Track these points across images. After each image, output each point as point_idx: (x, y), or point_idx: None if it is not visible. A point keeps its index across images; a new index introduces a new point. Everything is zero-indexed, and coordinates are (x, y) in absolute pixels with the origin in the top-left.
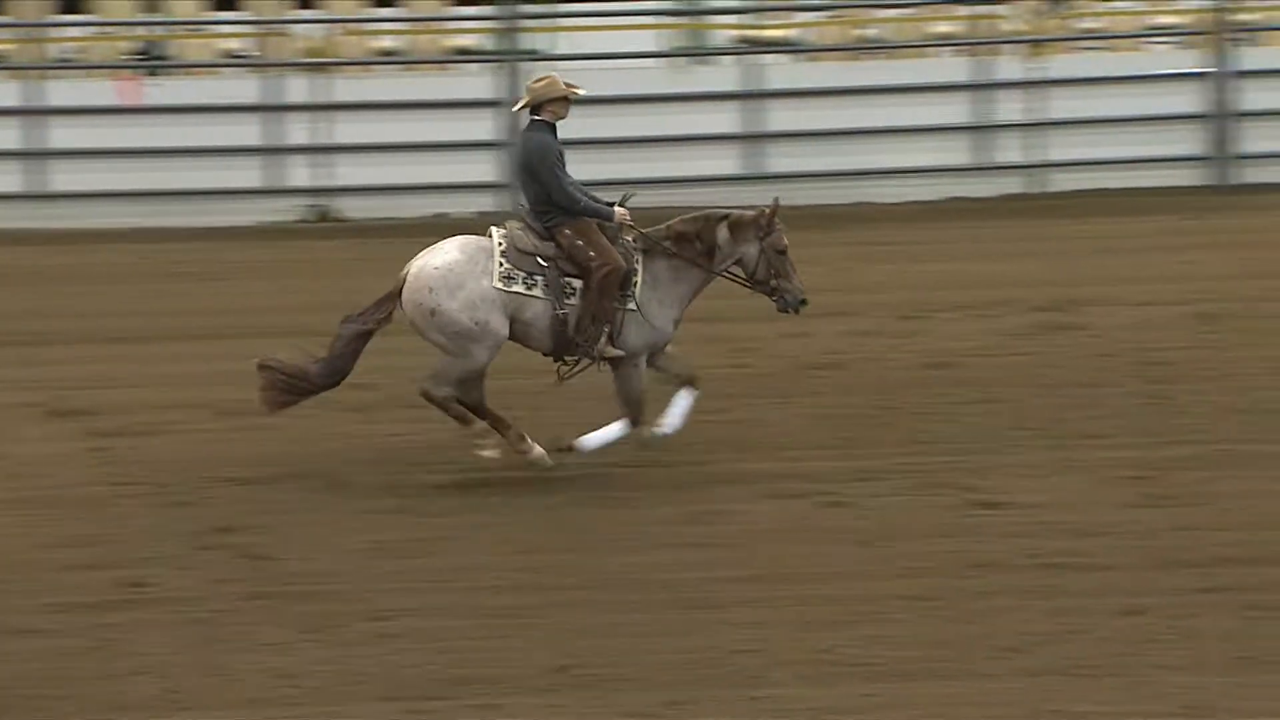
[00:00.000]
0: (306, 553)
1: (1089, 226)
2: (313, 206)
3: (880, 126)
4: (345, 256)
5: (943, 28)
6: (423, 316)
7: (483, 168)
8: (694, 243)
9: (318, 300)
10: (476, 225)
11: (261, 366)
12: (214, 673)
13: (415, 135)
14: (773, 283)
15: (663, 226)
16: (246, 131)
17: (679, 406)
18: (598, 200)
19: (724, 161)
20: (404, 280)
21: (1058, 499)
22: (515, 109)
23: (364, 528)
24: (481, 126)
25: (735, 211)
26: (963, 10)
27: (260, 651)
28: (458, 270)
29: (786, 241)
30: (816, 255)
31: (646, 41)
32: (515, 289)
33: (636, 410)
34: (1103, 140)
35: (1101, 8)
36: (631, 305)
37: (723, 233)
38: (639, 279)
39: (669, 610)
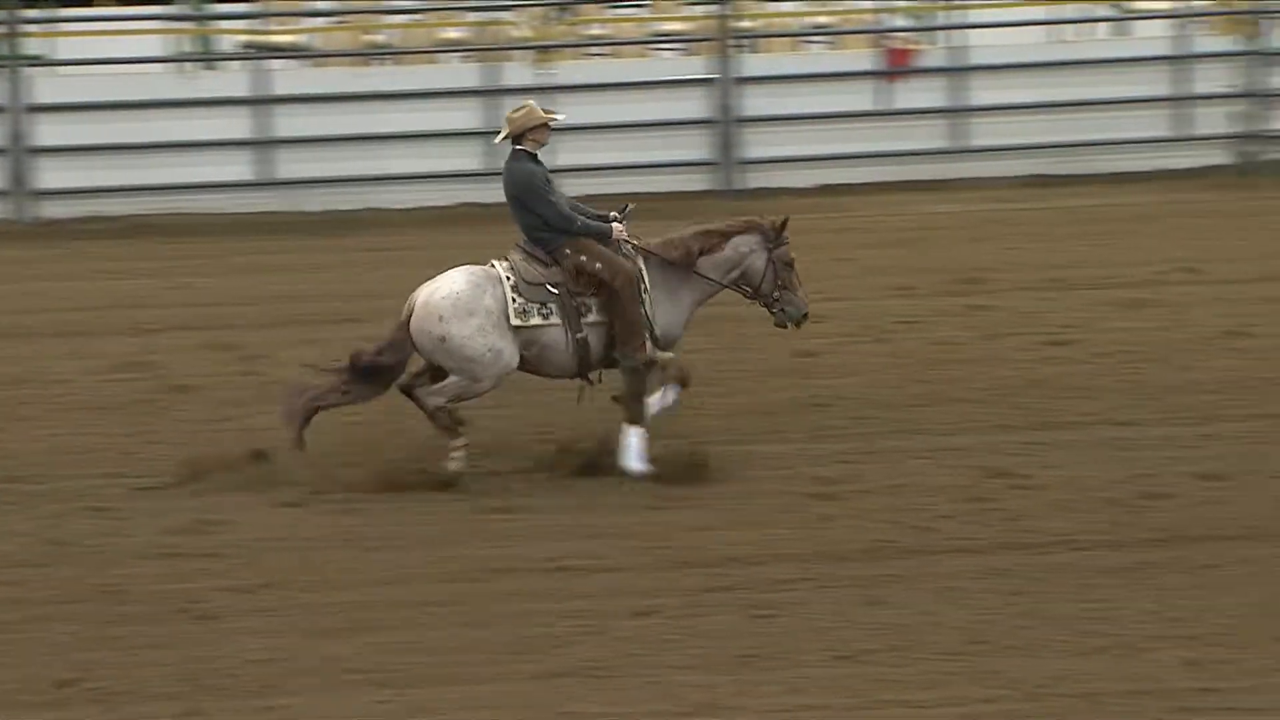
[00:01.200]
0: None
1: None
2: None
3: (390, 132)
4: None
5: (451, 33)
6: (432, 343)
7: None
8: (696, 255)
9: None
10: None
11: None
12: None
13: None
14: (776, 294)
15: (667, 241)
16: None
17: (665, 399)
18: (593, 218)
19: (234, 167)
20: (410, 311)
21: (572, 502)
22: (496, 141)
23: None
24: None
25: (745, 223)
26: (471, 16)
27: None
28: (466, 297)
29: (794, 254)
30: (327, 261)
31: (153, 47)
32: (532, 321)
33: (634, 409)
34: (611, 145)
35: (608, 14)
36: (647, 308)
37: (730, 245)
38: (646, 283)
39: (171, 622)
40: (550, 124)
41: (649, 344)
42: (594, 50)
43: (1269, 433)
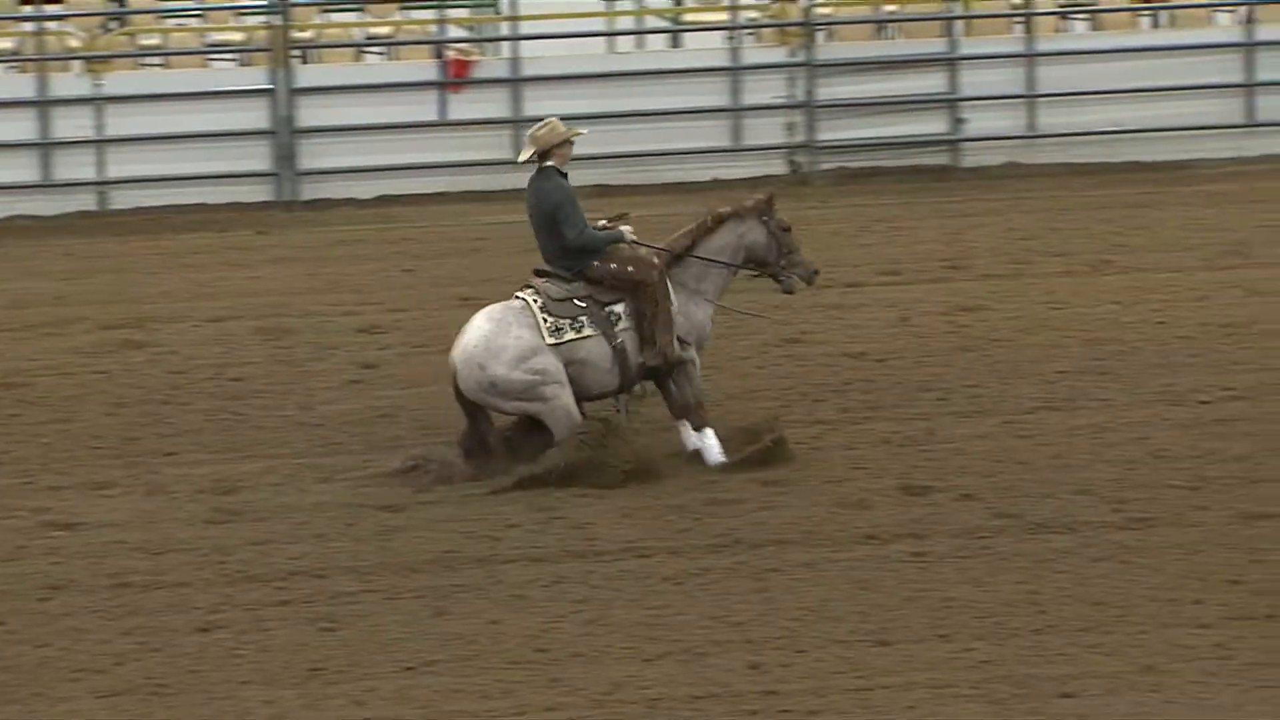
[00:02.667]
0: None
1: (158, 243)
2: None
3: None
4: None
5: (2, 44)
6: (486, 391)
7: None
8: (695, 244)
9: None
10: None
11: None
12: None
13: None
14: (782, 262)
15: (673, 239)
16: None
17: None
18: (602, 230)
19: None
20: (454, 372)
21: (133, 518)
22: (521, 159)
23: None
24: None
25: (733, 205)
26: (25, 26)
27: None
28: (493, 336)
29: (788, 220)
30: None
31: None
32: (567, 337)
33: (698, 414)
34: (169, 157)
35: (162, 24)
36: (676, 308)
37: (729, 229)
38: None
39: None
40: (573, 140)
41: (678, 343)
42: (149, 60)
43: (824, 437)
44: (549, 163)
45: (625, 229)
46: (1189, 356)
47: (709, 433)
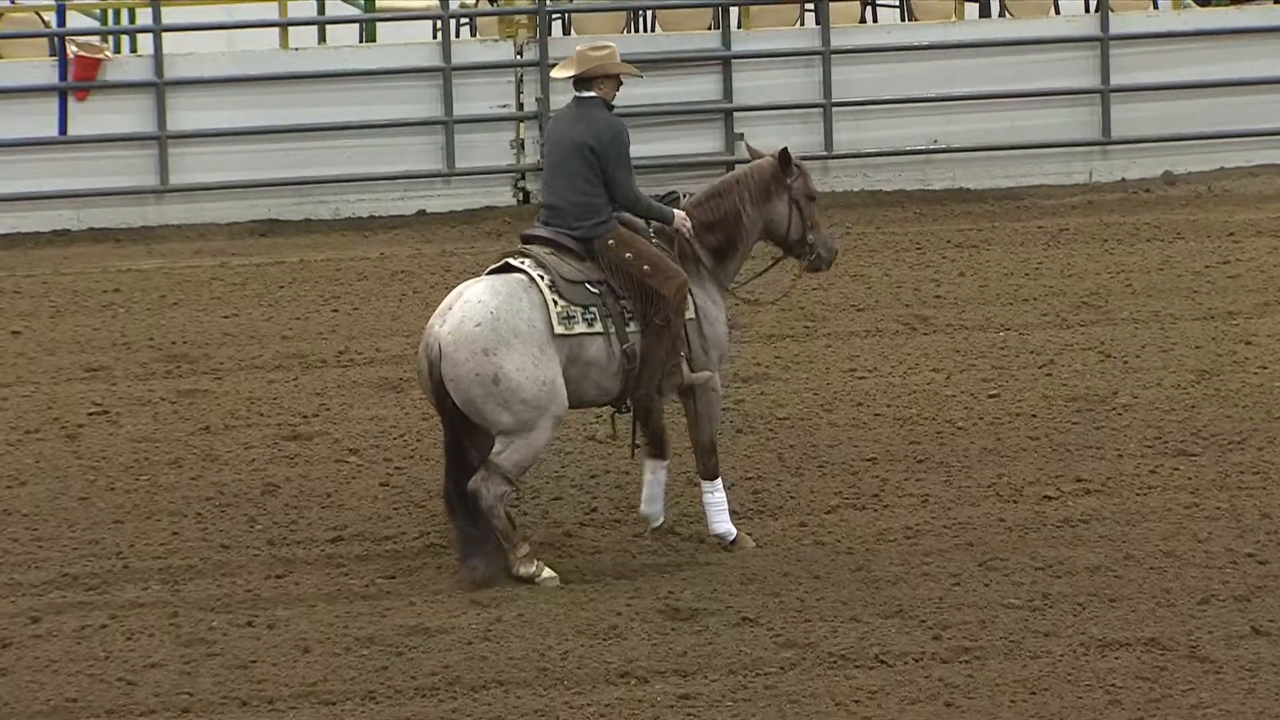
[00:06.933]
0: None
1: None
2: None
3: None
4: None
5: None
6: (483, 389)
7: None
8: (716, 232)
9: None
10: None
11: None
12: None
13: None
14: (809, 238)
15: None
16: None
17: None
18: (655, 199)
19: None
20: (436, 354)
21: None
22: (563, 76)
23: None
24: None
25: (747, 169)
26: None
27: None
28: (504, 318)
29: (814, 185)
30: None
31: None
32: (577, 329)
33: (711, 458)
34: None
35: None
36: (691, 314)
37: (745, 202)
38: (691, 292)
39: None
40: (624, 79)
41: (685, 368)
42: None
43: (563, 544)
44: (593, 93)
45: (680, 214)
46: (1029, 439)
47: (719, 485)
